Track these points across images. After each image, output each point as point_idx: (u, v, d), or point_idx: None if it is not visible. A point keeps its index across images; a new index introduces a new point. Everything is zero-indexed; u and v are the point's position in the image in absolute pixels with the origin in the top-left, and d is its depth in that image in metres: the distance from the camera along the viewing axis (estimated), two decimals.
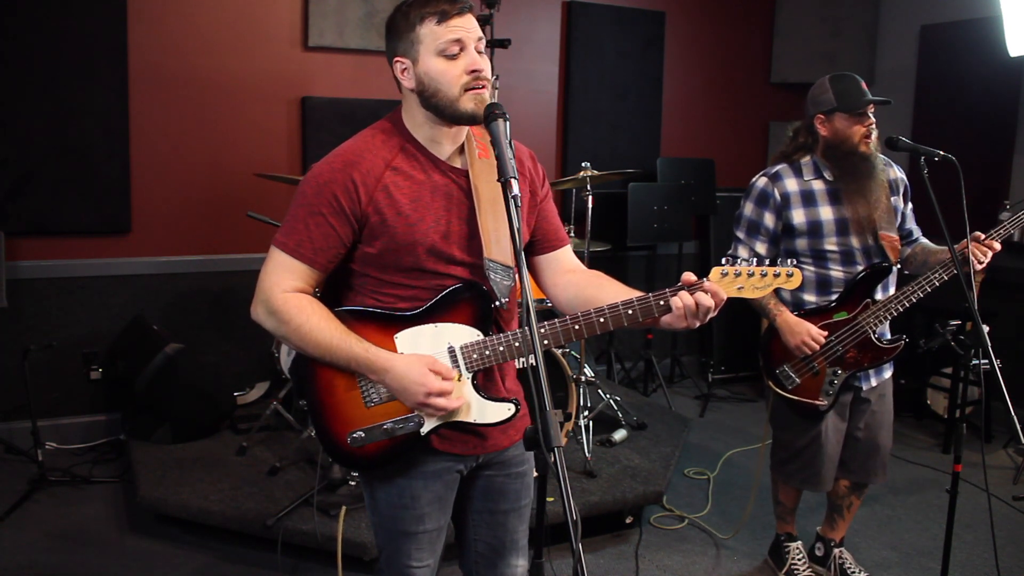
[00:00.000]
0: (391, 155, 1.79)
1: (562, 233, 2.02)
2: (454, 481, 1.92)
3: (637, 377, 5.41)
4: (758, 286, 1.77)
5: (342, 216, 1.74)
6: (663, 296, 1.72)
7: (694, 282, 1.72)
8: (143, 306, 4.30)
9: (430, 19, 1.73)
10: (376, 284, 1.81)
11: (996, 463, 4.42)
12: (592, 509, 3.39)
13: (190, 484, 3.45)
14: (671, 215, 5.22)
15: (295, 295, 1.77)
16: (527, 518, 2.05)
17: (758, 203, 2.86)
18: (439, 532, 1.94)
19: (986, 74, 5.02)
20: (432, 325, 1.79)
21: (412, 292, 1.80)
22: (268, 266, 1.79)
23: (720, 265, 1.77)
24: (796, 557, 3.18)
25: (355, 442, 1.79)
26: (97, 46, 4.06)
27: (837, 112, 2.75)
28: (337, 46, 4.54)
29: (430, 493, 1.88)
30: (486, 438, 1.88)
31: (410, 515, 1.88)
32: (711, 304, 1.69)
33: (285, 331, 1.77)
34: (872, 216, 2.77)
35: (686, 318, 1.71)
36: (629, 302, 1.74)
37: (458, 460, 1.89)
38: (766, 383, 2.94)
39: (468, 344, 1.79)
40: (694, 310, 1.70)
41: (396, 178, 1.77)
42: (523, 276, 1.53)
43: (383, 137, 1.81)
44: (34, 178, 4.02)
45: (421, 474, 1.86)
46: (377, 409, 1.80)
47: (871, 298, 2.79)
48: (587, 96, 5.30)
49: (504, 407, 1.83)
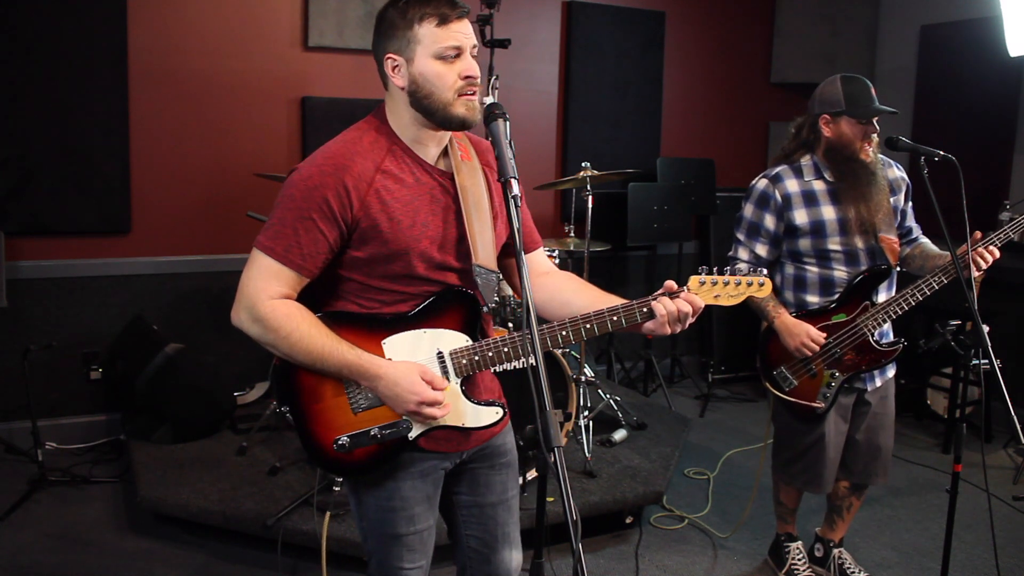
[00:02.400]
0: (380, 157, 1.76)
1: (536, 235, 2.04)
2: (440, 479, 1.93)
3: (637, 377, 5.41)
4: (732, 294, 1.87)
5: (332, 221, 1.70)
6: (646, 303, 1.78)
7: (675, 290, 1.80)
8: (143, 306, 4.30)
9: (430, 20, 1.70)
10: (361, 288, 1.79)
11: (996, 463, 4.42)
12: (592, 509, 3.39)
13: (190, 484, 3.45)
14: (671, 215, 5.22)
15: (282, 302, 1.74)
16: (516, 510, 2.05)
17: (758, 205, 2.86)
18: (429, 531, 1.94)
19: (986, 74, 5.01)
20: (421, 330, 1.79)
21: (398, 297, 1.78)
22: (252, 271, 1.74)
23: (697, 274, 1.85)
24: (796, 557, 3.18)
25: (341, 448, 1.78)
26: (97, 46, 4.06)
27: (844, 115, 2.73)
28: (337, 46, 4.54)
29: (419, 493, 1.87)
30: (470, 435, 1.89)
31: (400, 517, 1.87)
32: (689, 311, 1.79)
33: (272, 339, 1.73)
34: (873, 220, 2.76)
35: (668, 324, 1.78)
36: (615, 308, 1.79)
37: (444, 458, 1.89)
38: (763, 384, 2.94)
39: (457, 349, 1.79)
40: (676, 315, 1.77)
41: (387, 182, 1.74)
42: (523, 276, 1.52)
43: (371, 138, 1.78)
44: (34, 178, 4.02)
45: (409, 475, 1.86)
46: (364, 415, 1.79)
47: (870, 300, 2.79)
48: (587, 96, 5.30)
49: (492, 411, 1.86)
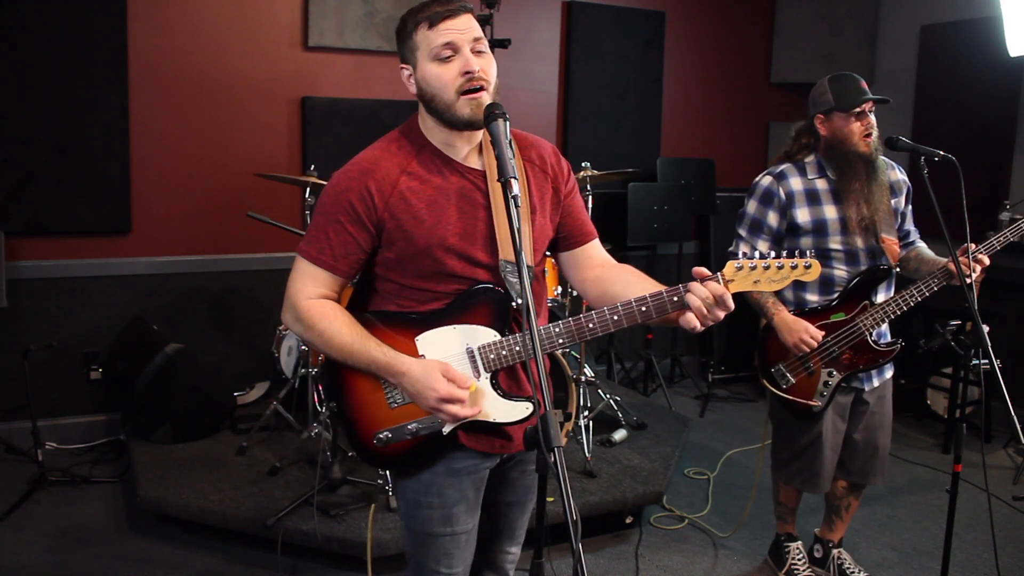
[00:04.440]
0: (406, 160, 1.80)
1: (589, 227, 2.00)
2: (482, 480, 1.92)
3: (637, 377, 5.41)
4: (775, 279, 1.73)
5: (359, 223, 1.77)
6: (676, 292, 1.71)
7: (708, 275, 1.70)
8: (143, 306, 4.30)
9: (423, 24, 1.74)
10: (398, 289, 1.84)
11: (996, 463, 4.42)
12: (592, 509, 3.39)
13: (190, 484, 3.45)
14: (671, 215, 5.22)
15: (318, 301, 1.82)
16: (528, 511, 2.07)
17: (762, 201, 2.86)
18: (468, 537, 1.93)
19: (986, 74, 5.01)
20: (451, 327, 1.81)
21: (432, 295, 1.81)
22: (293, 274, 1.84)
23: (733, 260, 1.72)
24: (796, 557, 3.18)
25: (381, 442, 1.83)
26: (97, 46, 4.06)
27: (835, 111, 2.76)
28: (337, 46, 4.54)
29: (457, 493, 1.87)
30: (512, 438, 1.88)
31: (437, 515, 1.88)
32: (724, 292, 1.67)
33: (310, 336, 1.81)
34: (874, 218, 2.77)
35: (705, 310, 1.67)
36: (642, 299, 1.72)
37: (485, 458, 1.89)
38: (761, 382, 2.95)
39: (485, 344, 1.80)
40: (712, 301, 1.67)
41: (412, 183, 1.78)
42: (523, 276, 1.53)
43: (399, 144, 1.83)
44: (34, 178, 4.02)
45: (448, 471, 1.86)
46: (401, 410, 1.83)
47: (869, 300, 2.79)
48: (587, 96, 5.30)
49: (522, 407, 1.83)
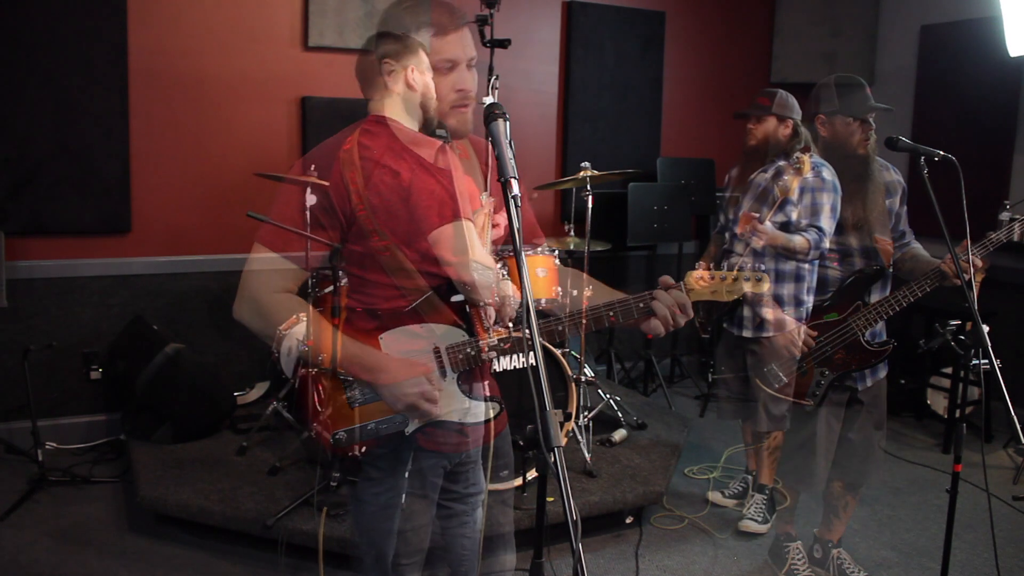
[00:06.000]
0: (379, 155, 1.78)
1: (537, 231, 2.09)
2: (438, 477, 1.93)
3: (637, 377, 5.41)
4: (730, 290, 1.84)
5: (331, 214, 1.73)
6: (643, 298, 1.77)
7: (672, 284, 1.79)
8: (143, 306, 4.30)
9: (427, 30, 1.73)
10: (359, 283, 1.80)
11: (996, 463, 4.42)
12: (592, 509, 3.39)
13: (190, 484, 3.45)
14: (671, 215, 5.22)
15: (285, 296, 1.76)
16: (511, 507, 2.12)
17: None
18: (425, 529, 1.95)
19: (986, 74, 5.01)
20: (417, 326, 1.79)
21: (395, 292, 1.79)
22: (254, 265, 1.77)
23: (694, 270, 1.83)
24: (796, 557, 3.18)
25: (338, 443, 1.78)
26: (97, 46, 4.06)
27: (839, 115, 2.75)
28: (337, 46, 4.54)
29: (416, 491, 1.88)
30: (468, 436, 1.89)
31: (397, 513, 1.88)
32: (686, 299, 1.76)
33: (274, 333, 1.75)
34: (868, 218, 2.77)
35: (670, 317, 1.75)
36: (611, 304, 1.78)
37: (443, 457, 1.90)
38: (754, 381, 2.95)
39: (453, 345, 1.79)
40: (676, 309, 1.75)
41: (385, 177, 1.76)
42: (523, 276, 1.52)
43: (370, 136, 1.80)
44: (34, 178, 4.02)
45: (407, 472, 1.86)
46: (361, 409, 1.79)
47: (863, 301, 2.79)
48: (587, 96, 5.30)
49: (489, 407, 1.86)
